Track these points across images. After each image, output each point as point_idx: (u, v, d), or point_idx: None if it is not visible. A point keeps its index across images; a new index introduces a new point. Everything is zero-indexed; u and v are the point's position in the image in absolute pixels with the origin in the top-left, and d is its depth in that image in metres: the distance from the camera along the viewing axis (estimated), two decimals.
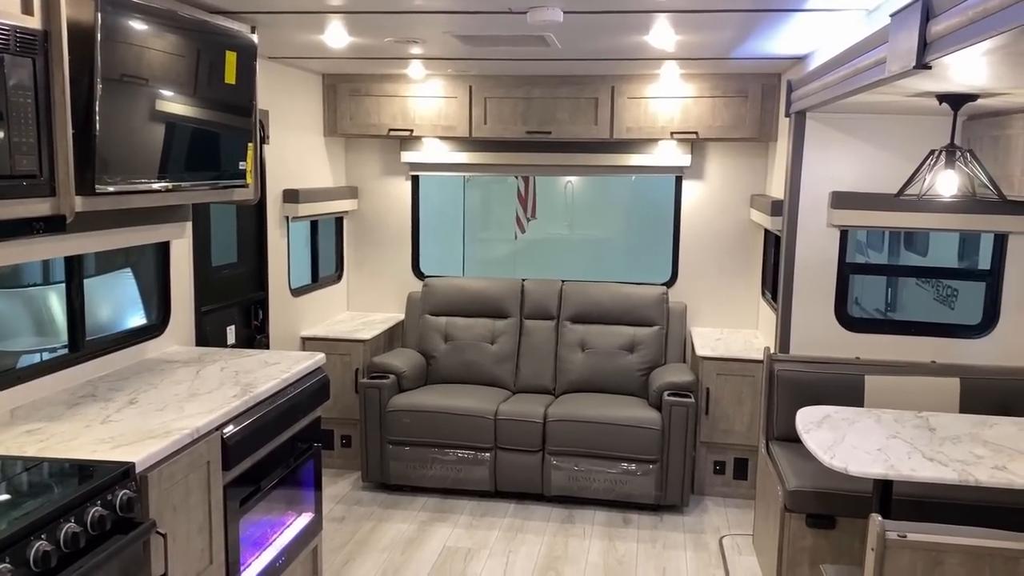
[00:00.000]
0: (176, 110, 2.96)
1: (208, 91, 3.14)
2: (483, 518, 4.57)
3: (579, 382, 5.13)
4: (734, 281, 5.39)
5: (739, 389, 4.77)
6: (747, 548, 4.27)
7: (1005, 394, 3.86)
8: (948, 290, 7.63)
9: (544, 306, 5.31)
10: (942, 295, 7.81)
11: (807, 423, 3.23)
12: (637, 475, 4.59)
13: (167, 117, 2.90)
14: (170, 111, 2.92)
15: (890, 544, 2.10)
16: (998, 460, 2.83)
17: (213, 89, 3.17)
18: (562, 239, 9.30)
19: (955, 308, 7.40)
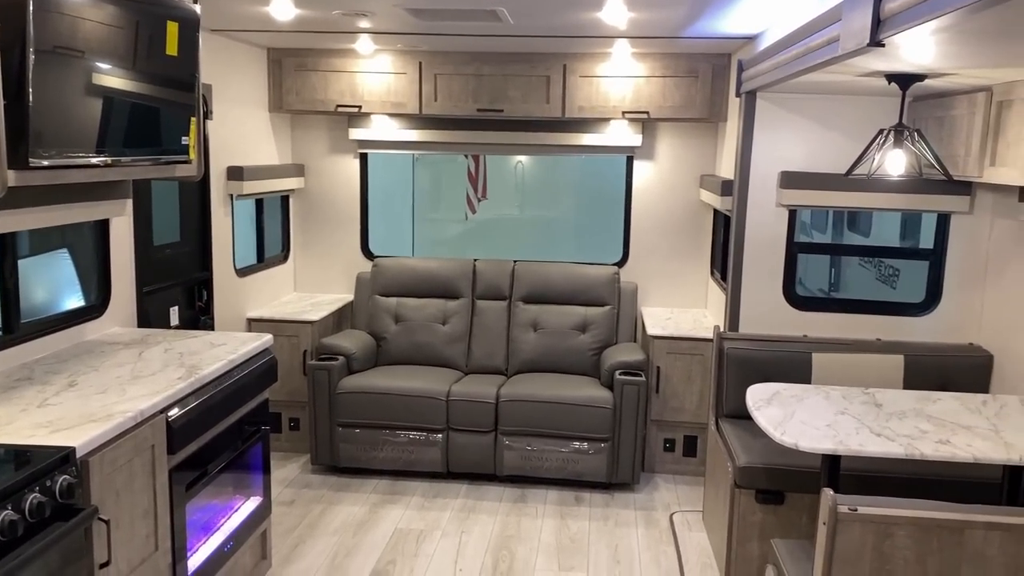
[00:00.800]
0: (115, 83, 2.83)
1: (148, 64, 3.01)
2: (435, 499, 4.54)
3: (531, 362, 5.12)
4: (684, 261, 5.43)
5: (689, 368, 4.81)
6: (697, 524, 4.32)
7: (947, 370, 3.95)
8: (890, 270, 7.82)
9: (496, 286, 5.28)
10: (884, 275, 8.00)
11: (757, 400, 3.26)
12: (589, 454, 4.61)
13: (105, 90, 2.77)
14: (108, 84, 2.79)
15: (841, 518, 2.13)
16: (942, 434, 2.89)
17: (154, 61, 3.05)
18: (513, 219, 9.28)
19: (897, 288, 7.58)
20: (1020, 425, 3.02)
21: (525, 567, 3.85)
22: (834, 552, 2.14)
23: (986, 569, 2.13)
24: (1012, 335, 3.80)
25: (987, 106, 3.24)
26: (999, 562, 2.12)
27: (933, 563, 2.14)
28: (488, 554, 3.96)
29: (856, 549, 2.14)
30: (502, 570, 3.82)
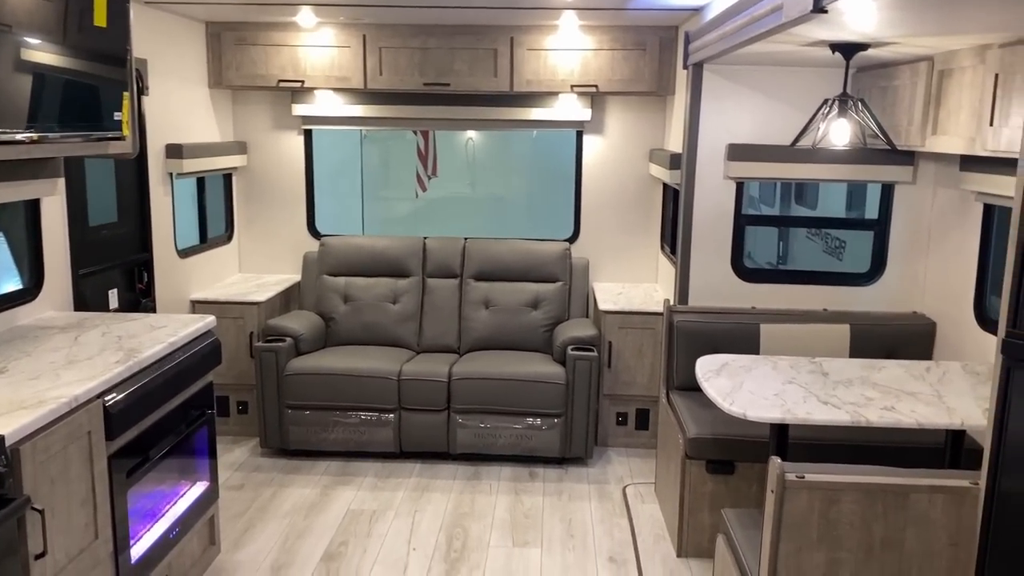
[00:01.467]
0: (42, 57, 2.71)
1: (78, 37, 2.89)
2: (388, 479, 4.50)
3: (483, 340, 5.08)
4: (635, 236, 5.43)
5: (640, 342, 4.82)
6: (650, 496, 4.35)
7: (891, 338, 4.02)
8: (836, 242, 7.93)
9: (447, 264, 5.22)
10: (831, 247, 8.12)
11: (706, 371, 3.27)
12: (542, 430, 4.60)
13: (32, 65, 2.65)
14: (35, 58, 2.67)
15: (789, 485, 2.14)
16: (887, 401, 2.93)
17: (84, 35, 2.92)
18: (464, 197, 9.19)
19: (843, 259, 7.70)
20: (962, 390, 3.08)
21: (479, 544, 3.84)
22: (782, 519, 2.16)
23: (930, 531, 2.16)
24: (954, 303, 3.87)
25: (929, 75, 3.27)
26: (942, 524, 2.16)
27: (878, 527, 2.16)
28: (442, 532, 3.94)
29: (804, 516, 2.16)
30: (456, 548, 3.80)
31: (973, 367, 3.39)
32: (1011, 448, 1.98)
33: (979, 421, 2.76)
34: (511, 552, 3.78)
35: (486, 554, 3.75)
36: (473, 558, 3.72)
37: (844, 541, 2.16)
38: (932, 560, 2.17)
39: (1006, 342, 1.98)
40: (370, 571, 3.61)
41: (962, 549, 2.16)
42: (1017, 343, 1.95)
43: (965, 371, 3.34)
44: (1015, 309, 1.97)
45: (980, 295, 3.65)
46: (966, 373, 3.31)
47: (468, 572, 3.61)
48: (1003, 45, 2.76)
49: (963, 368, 3.38)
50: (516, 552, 3.78)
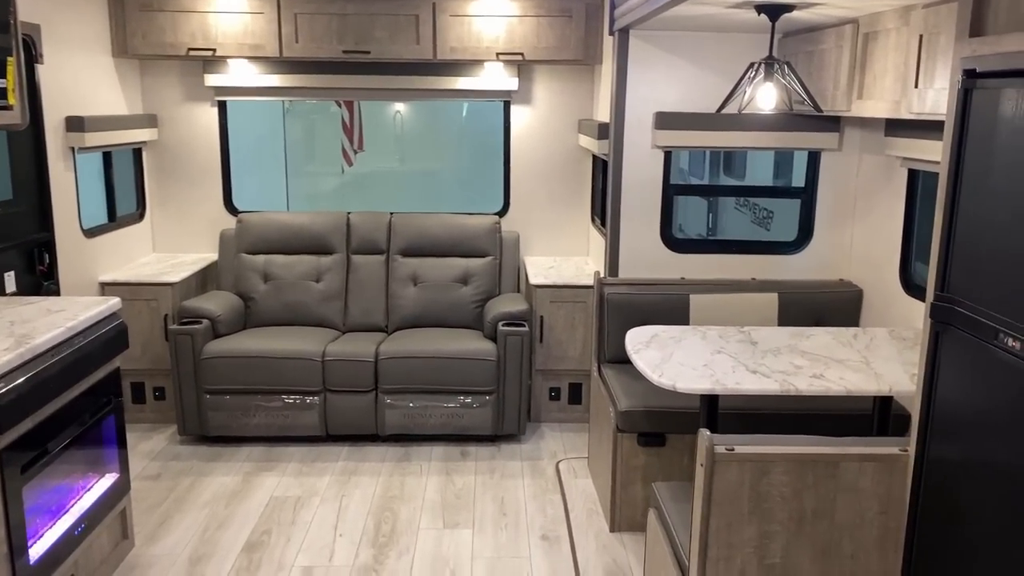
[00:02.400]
0: None
1: None
2: (314, 464, 4.35)
3: (412, 317, 4.94)
4: (565, 208, 5.34)
5: (572, 315, 4.75)
6: (583, 471, 4.29)
7: (819, 306, 4.02)
8: (764, 212, 8.00)
9: (372, 240, 5.05)
10: (759, 217, 8.19)
11: (636, 343, 3.21)
12: (474, 408, 4.50)
13: None
14: None
15: (719, 458, 2.08)
16: (815, 369, 2.91)
17: None
18: (393, 171, 8.99)
19: (771, 229, 7.77)
20: (889, 356, 3.08)
21: (408, 527, 3.73)
22: (712, 493, 2.09)
23: (860, 500, 2.13)
24: (879, 269, 3.88)
25: (854, 39, 3.23)
26: (872, 492, 2.12)
27: (809, 498, 2.12)
28: (370, 517, 3.81)
29: (734, 489, 2.10)
30: (384, 532, 3.68)
31: (899, 333, 3.40)
32: (940, 414, 1.95)
33: (907, 387, 2.75)
34: (441, 534, 3.68)
35: (415, 537, 3.65)
36: (402, 542, 3.61)
37: (775, 513, 2.12)
38: (863, 529, 2.14)
39: (934, 306, 1.94)
40: (294, 560, 3.46)
41: (891, 517, 2.13)
42: (945, 307, 1.91)
43: (892, 337, 3.34)
44: (943, 273, 1.93)
45: (905, 261, 3.67)
46: (893, 339, 3.31)
47: (397, 557, 3.49)
48: (927, 6, 2.73)
49: (890, 334, 3.38)
50: (447, 534, 3.68)
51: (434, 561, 3.46)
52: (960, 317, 1.86)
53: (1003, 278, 1.71)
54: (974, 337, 1.81)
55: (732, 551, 2.13)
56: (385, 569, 3.40)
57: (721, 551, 2.13)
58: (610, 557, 3.49)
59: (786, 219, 7.28)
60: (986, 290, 1.77)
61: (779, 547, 2.13)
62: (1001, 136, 1.73)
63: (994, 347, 1.74)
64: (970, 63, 1.84)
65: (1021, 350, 1.64)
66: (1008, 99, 1.71)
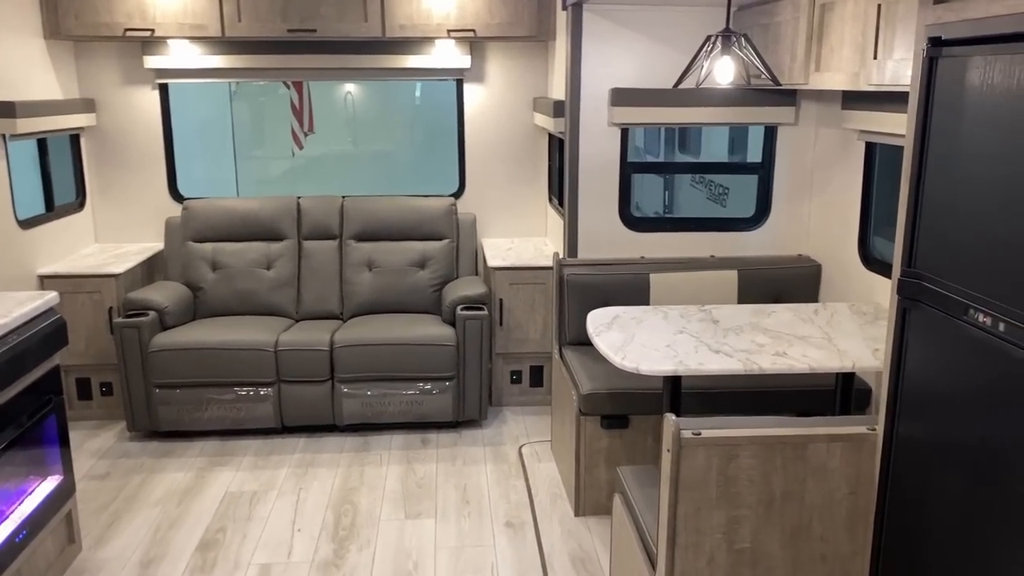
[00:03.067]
0: None
1: None
2: (270, 457, 4.22)
3: (368, 304, 4.83)
4: (522, 188, 5.25)
5: (532, 297, 4.68)
6: (546, 455, 4.24)
7: (778, 282, 4.00)
8: (720, 189, 8.00)
9: (324, 225, 4.91)
10: (714, 194, 8.19)
11: (597, 325, 3.14)
12: (434, 394, 4.41)
13: None
14: None
15: (685, 443, 2.02)
16: (778, 347, 2.87)
17: None
18: (345, 154, 8.80)
19: (727, 205, 7.77)
20: (851, 332, 3.05)
21: (369, 519, 3.64)
22: (680, 478, 2.04)
23: (829, 481, 2.09)
24: (837, 244, 3.87)
25: (810, 10, 3.18)
26: (841, 473, 2.09)
27: (778, 480, 2.08)
28: (329, 510, 3.71)
29: (702, 473, 2.05)
30: (344, 525, 3.59)
31: (859, 307, 3.39)
32: (908, 392, 1.91)
33: (870, 362, 2.73)
34: (403, 525, 3.59)
35: (377, 529, 3.56)
36: (363, 534, 3.52)
37: (743, 497, 2.07)
38: (832, 510, 2.10)
39: (901, 281, 1.90)
40: (251, 557, 3.36)
41: (861, 497, 2.10)
42: (912, 282, 1.87)
43: (852, 312, 3.33)
44: (910, 248, 1.88)
45: (864, 235, 3.65)
46: (853, 314, 3.30)
47: (358, 550, 3.40)
48: None
49: (850, 309, 3.37)
50: (409, 524, 3.60)
51: (396, 553, 3.38)
52: (928, 293, 1.82)
53: (973, 252, 1.67)
54: (943, 313, 1.77)
55: (701, 537, 2.08)
56: (346, 564, 3.31)
57: (690, 537, 2.08)
58: (575, 543, 3.44)
59: (742, 195, 7.28)
60: (955, 265, 1.73)
61: (748, 531, 2.09)
62: (969, 105, 1.68)
63: (964, 323, 1.70)
64: (935, 31, 1.79)
65: (993, 326, 1.60)
66: (976, 67, 1.66)
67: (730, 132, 7.81)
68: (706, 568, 2.10)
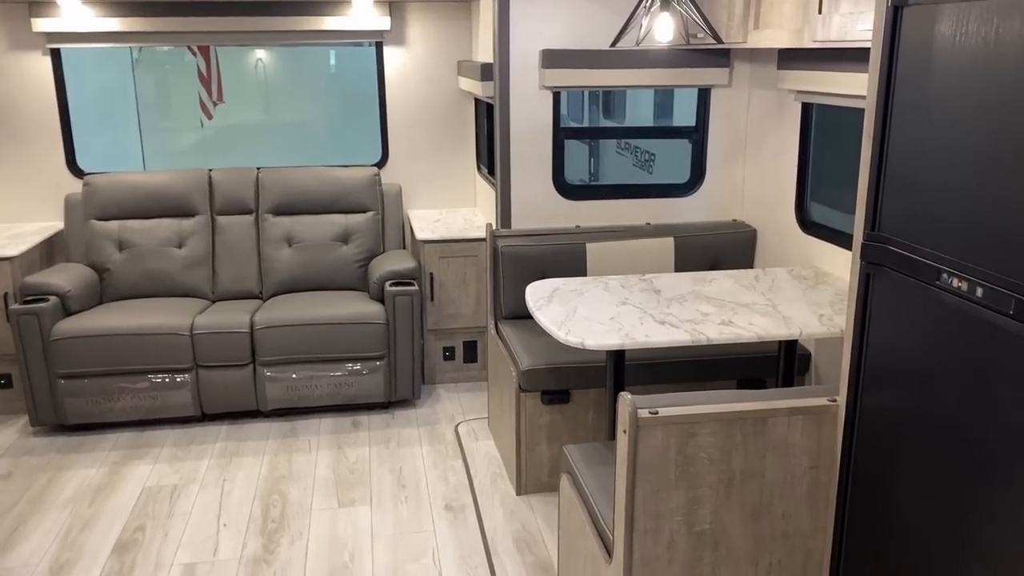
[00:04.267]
0: None
1: None
2: (190, 447, 3.97)
3: (289, 282, 4.58)
4: (448, 157, 5.06)
5: (463, 271, 4.51)
6: (483, 433, 4.10)
7: (714, 248, 3.93)
8: (646, 155, 7.94)
9: (239, 198, 4.63)
10: (640, 160, 8.12)
11: (537, 299, 3.00)
12: (364, 374, 4.22)
13: None
14: None
15: (642, 423, 1.90)
16: (723, 315, 2.78)
17: None
18: (258, 124, 8.41)
19: (653, 172, 7.72)
20: (793, 297, 2.99)
21: (300, 509, 3.44)
22: (637, 460, 1.92)
23: (790, 456, 2.01)
24: (773, 208, 3.81)
25: None
26: (802, 447, 2.01)
27: (738, 457, 1.98)
28: (256, 501, 3.50)
29: (660, 454, 1.93)
30: (274, 517, 3.39)
31: (799, 272, 3.34)
32: (873, 361, 1.83)
33: (817, 329, 2.67)
34: (337, 514, 3.41)
35: (308, 520, 3.37)
36: (294, 526, 3.33)
37: (703, 477, 1.97)
38: (793, 486, 2.02)
39: (865, 246, 1.81)
40: (173, 557, 3.13)
41: (822, 471, 2.02)
42: (877, 247, 1.78)
43: (792, 276, 3.27)
44: (873, 211, 1.79)
45: (801, 199, 3.60)
46: (793, 279, 3.24)
47: (289, 543, 3.21)
48: None
49: (790, 274, 3.31)
50: (343, 513, 3.42)
51: (331, 544, 3.20)
52: (895, 257, 1.73)
53: (945, 213, 1.58)
54: (912, 279, 1.68)
55: (660, 521, 1.97)
56: (277, 559, 3.12)
57: (648, 521, 1.97)
58: (519, 523, 3.32)
59: (668, 161, 7.23)
60: (925, 228, 1.64)
61: (708, 512, 1.99)
62: (940, 58, 1.59)
63: (936, 288, 1.61)
64: None
65: (969, 291, 1.51)
66: (947, 16, 1.56)
67: (655, 97, 7.74)
68: (665, 553, 1.99)
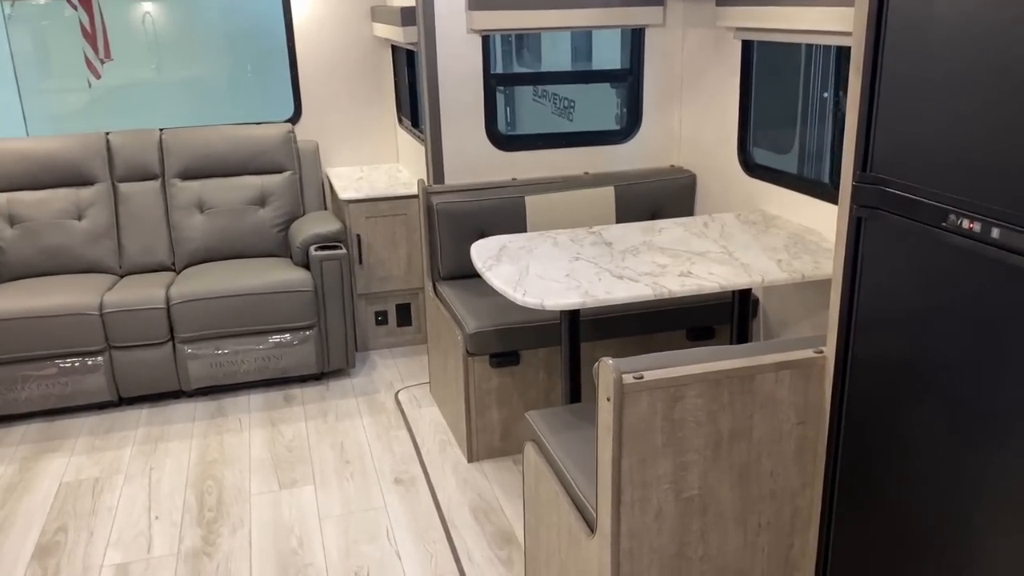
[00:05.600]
0: None
1: None
2: (109, 436, 3.68)
3: (204, 251, 4.27)
4: (366, 110, 4.78)
5: (392, 231, 4.29)
6: (425, 399, 3.94)
7: (655, 196, 3.83)
8: (565, 102, 7.76)
9: (142, 163, 4.26)
10: (559, 108, 7.94)
11: (485, 258, 2.83)
12: (293, 345, 3.98)
13: None
14: None
15: (628, 389, 1.77)
16: (681, 266, 2.67)
17: None
18: (152, 82, 7.82)
19: (573, 119, 7.56)
20: (746, 244, 2.91)
21: (238, 495, 3.22)
22: (623, 428, 1.79)
23: (778, 412, 1.92)
24: (712, 152, 3.72)
25: None
26: (789, 402, 1.92)
27: (725, 419, 1.87)
28: (189, 489, 3.26)
29: (646, 421, 1.81)
30: (210, 505, 3.16)
31: (747, 217, 3.26)
32: (866, 310, 1.74)
33: (778, 275, 2.58)
34: (279, 497, 3.21)
35: (249, 505, 3.15)
36: (234, 513, 3.11)
37: (690, 441, 1.86)
38: (781, 444, 1.94)
39: (856, 188, 1.70)
40: (103, 558, 2.87)
41: (810, 426, 1.94)
42: (870, 188, 1.67)
43: (741, 222, 3.19)
44: (864, 151, 1.67)
45: (744, 141, 3.50)
46: (743, 224, 3.16)
47: (230, 533, 3.00)
48: None
49: (738, 219, 3.23)
50: (285, 495, 3.21)
51: (276, 529, 3.00)
52: (891, 199, 1.63)
53: (951, 148, 1.47)
54: (913, 221, 1.58)
55: (647, 490, 1.86)
56: (219, 550, 2.90)
57: (636, 492, 1.85)
58: (474, 493, 3.19)
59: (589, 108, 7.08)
60: (927, 165, 1.53)
61: (696, 477, 1.89)
62: None
63: (941, 231, 1.51)
64: None
65: (983, 232, 1.42)
66: None
67: (572, 40, 7.55)
68: (654, 523, 1.88)
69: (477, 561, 2.80)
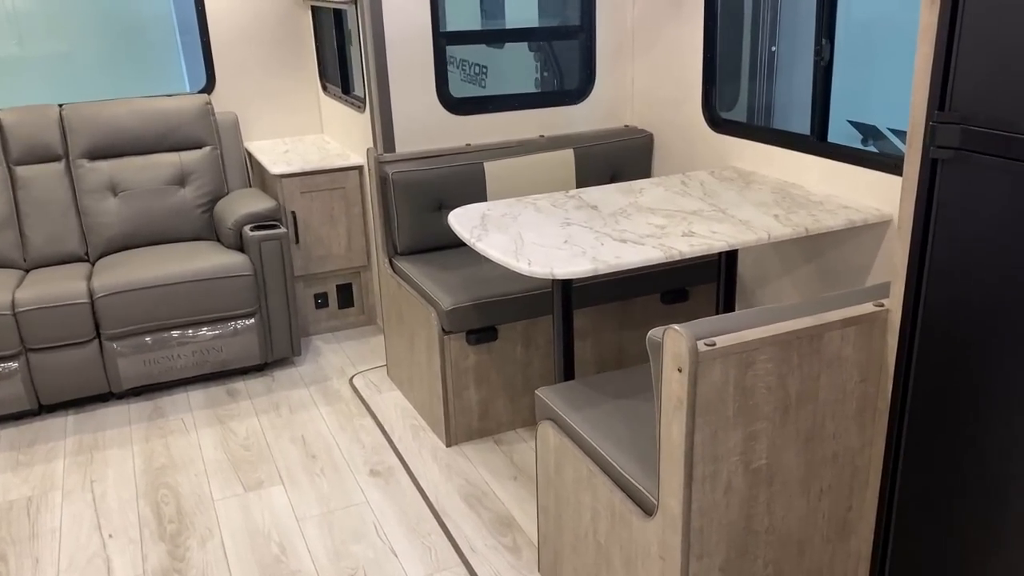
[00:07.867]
0: None
1: None
2: (33, 448, 3.27)
3: (121, 237, 3.86)
4: (286, 77, 4.44)
5: (330, 206, 4.00)
6: (384, 383, 3.71)
7: (613, 157, 3.71)
8: (476, 68, 7.53)
9: (42, 143, 3.80)
10: (469, 75, 7.71)
11: (471, 228, 2.62)
12: (233, 335, 3.65)
13: None
14: None
15: (702, 357, 1.63)
16: (680, 227, 2.56)
17: None
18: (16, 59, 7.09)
19: (486, 86, 7.34)
20: (734, 201, 2.82)
21: (199, 502, 2.92)
22: (696, 401, 1.66)
23: (842, 372, 1.83)
24: (671, 109, 3.62)
25: None
26: (853, 360, 1.83)
27: (794, 382, 1.77)
28: (141, 500, 2.93)
29: (719, 390, 1.68)
30: (170, 516, 2.85)
31: (721, 174, 3.18)
32: (941, 258, 1.65)
33: (783, 230, 2.50)
34: (246, 500, 2.93)
35: (214, 512, 2.86)
36: (199, 522, 2.81)
37: (761, 408, 1.74)
38: (844, 404, 1.85)
39: (935, 128, 1.61)
40: None
41: (870, 384, 1.86)
42: (951, 127, 1.58)
43: (717, 179, 3.10)
44: (943, 89, 1.58)
45: (708, 96, 3.41)
46: (720, 181, 3.07)
47: (199, 545, 2.70)
48: None
49: (713, 176, 3.14)
50: (253, 498, 2.94)
51: (252, 537, 2.73)
52: (979, 138, 1.54)
53: None
54: (1009, 159, 1.49)
55: (718, 465, 1.74)
56: (191, 566, 2.61)
57: (707, 467, 1.72)
58: (460, 478, 3.00)
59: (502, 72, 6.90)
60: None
61: (764, 446, 1.78)
62: None
63: None
64: None
65: None
66: None
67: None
68: (723, 499, 1.77)
69: (480, 550, 2.63)
